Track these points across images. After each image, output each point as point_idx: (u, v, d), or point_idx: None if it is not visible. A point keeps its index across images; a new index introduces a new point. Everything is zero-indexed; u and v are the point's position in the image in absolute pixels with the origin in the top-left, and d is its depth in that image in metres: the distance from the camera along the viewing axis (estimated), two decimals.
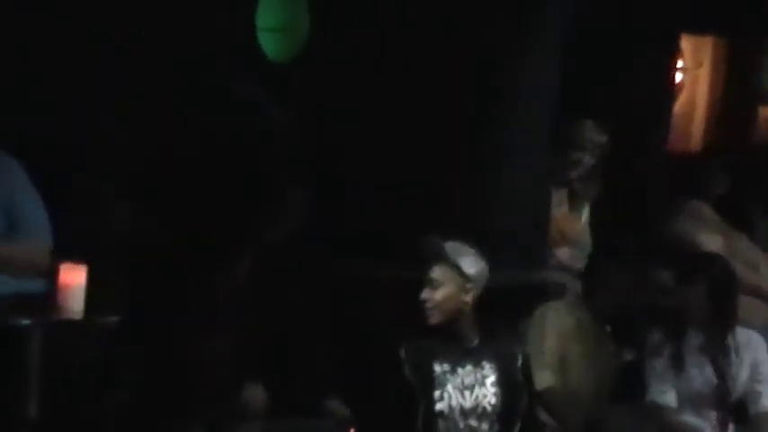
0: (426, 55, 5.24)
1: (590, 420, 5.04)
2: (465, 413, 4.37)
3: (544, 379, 4.89)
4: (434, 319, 4.41)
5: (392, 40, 5.25)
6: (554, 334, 4.98)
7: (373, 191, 5.25)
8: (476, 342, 4.46)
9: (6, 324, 4.37)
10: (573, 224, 5.77)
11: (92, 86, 5.23)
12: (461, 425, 4.35)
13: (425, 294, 4.42)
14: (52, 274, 4.49)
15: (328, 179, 4.93)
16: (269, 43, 5.40)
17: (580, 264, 5.47)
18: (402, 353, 4.37)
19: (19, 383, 4.38)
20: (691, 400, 5.05)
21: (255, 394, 4.78)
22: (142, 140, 4.61)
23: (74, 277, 4.50)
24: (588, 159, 5.81)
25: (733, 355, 5.07)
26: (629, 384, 5.17)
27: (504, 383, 4.43)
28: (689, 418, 5.05)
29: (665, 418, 5.03)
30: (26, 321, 4.40)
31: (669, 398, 5.02)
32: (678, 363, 5.05)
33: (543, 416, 4.92)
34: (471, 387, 4.38)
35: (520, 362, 4.51)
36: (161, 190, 4.51)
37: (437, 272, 4.44)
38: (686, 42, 7.86)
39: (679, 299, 5.09)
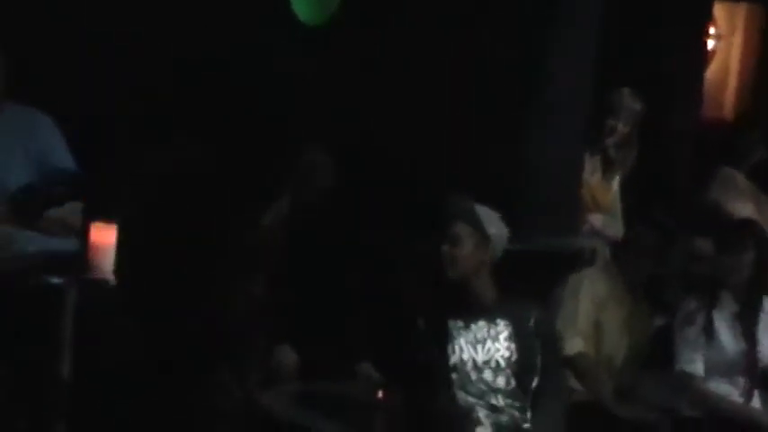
0: (462, 20, 5.22)
1: (620, 387, 5.04)
2: (478, 367, 4.40)
3: (576, 345, 4.89)
4: (452, 273, 4.45)
5: (425, 4, 5.24)
6: (588, 300, 4.98)
7: (405, 159, 5.24)
8: (492, 301, 4.48)
9: (39, 282, 4.39)
10: (606, 191, 5.75)
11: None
12: (475, 377, 4.39)
13: (445, 248, 4.46)
14: (84, 233, 4.50)
15: (359, 146, 4.94)
16: (302, 6, 5.38)
17: (612, 230, 5.45)
18: (419, 311, 4.42)
19: (52, 341, 4.41)
20: (719, 369, 5.06)
21: (287, 356, 4.79)
22: (179, 100, 4.64)
23: (105, 236, 4.50)
24: (623, 127, 5.79)
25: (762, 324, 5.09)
26: (659, 352, 5.17)
27: (518, 339, 4.45)
28: (717, 386, 5.06)
29: (693, 387, 5.04)
30: (58, 280, 4.42)
31: (698, 367, 5.02)
32: (710, 331, 5.05)
33: (573, 381, 4.92)
34: (483, 341, 4.42)
35: (533, 322, 4.52)
36: (201, 143, 4.53)
37: (458, 228, 4.49)
38: (719, 9, 7.81)
39: (717, 266, 5.08)
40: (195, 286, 4.37)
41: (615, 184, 5.82)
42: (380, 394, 4.46)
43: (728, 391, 5.07)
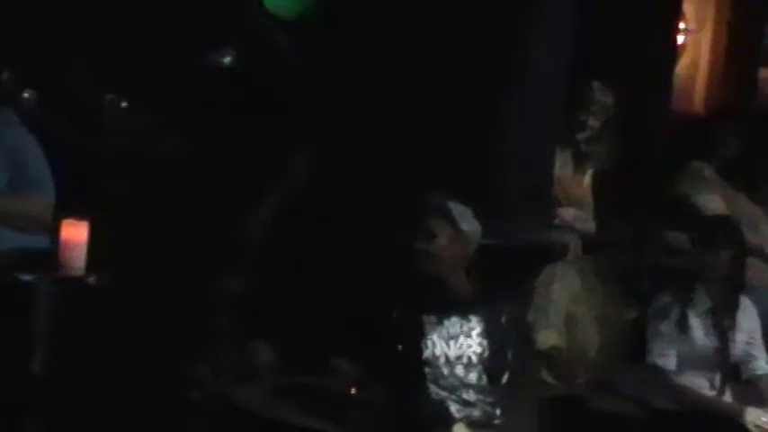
0: (432, 14, 5.22)
1: (594, 380, 5.06)
2: (450, 362, 4.43)
3: (548, 338, 4.92)
4: (426, 269, 4.46)
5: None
6: (560, 294, 5.01)
7: (377, 153, 5.23)
8: (465, 297, 4.50)
9: (9, 280, 4.37)
10: (577, 186, 5.77)
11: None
12: (447, 372, 4.42)
13: (419, 245, 4.48)
14: (55, 230, 4.48)
15: (337, 138, 4.93)
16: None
17: (583, 224, 5.47)
18: (393, 305, 4.43)
19: (23, 339, 4.38)
20: (692, 363, 5.08)
21: (262, 351, 4.79)
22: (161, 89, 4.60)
23: (76, 233, 4.48)
24: (594, 121, 5.80)
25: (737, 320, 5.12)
26: (632, 345, 5.19)
27: (490, 335, 4.48)
28: (689, 380, 5.09)
29: (665, 381, 5.06)
30: (29, 277, 4.39)
31: (670, 361, 5.05)
32: (684, 325, 5.08)
33: (546, 375, 4.94)
34: (456, 337, 4.45)
35: (505, 318, 4.54)
36: (184, 133, 4.49)
37: (432, 225, 4.51)
38: (689, 3, 7.83)
39: (693, 261, 5.11)
40: (170, 281, 4.35)
41: (587, 178, 5.84)
42: (354, 389, 4.47)
43: (701, 384, 5.10)
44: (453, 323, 4.47)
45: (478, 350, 4.46)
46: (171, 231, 4.34)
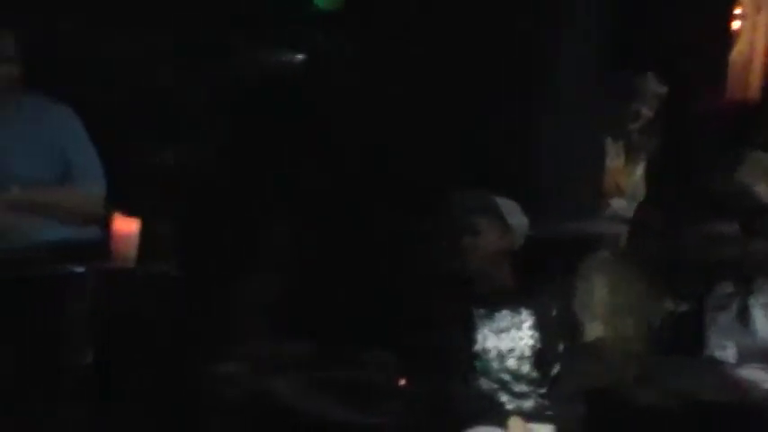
0: (478, 2, 5.21)
1: (639, 373, 5.02)
2: (502, 355, 4.43)
3: (594, 330, 4.89)
4: (474, 265, 4.46)
5: None
6: (602, 285, 4.97)
7: (425, 142, 5.23)
8: (514, 289, 4.50)
9: (60, 271, 4.41)
10: (629, 176, 5.74)
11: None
12: (498, 365, 4.42)
13: (466, 241, 4.47)
14: (105, 223, 4.53)
15: (375, 129, 4.93)
16: None
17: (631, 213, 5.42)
18: (440, 299, 4.43)
19: (72, 331, 4.43)
20: (753, 355, 5.02)
21: (301, 344, 4.80)
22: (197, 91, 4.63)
23: (127, 226, 4.53)
24: (647, 111, 5.77)
25: None
26: (686, 338, 5.14)
27: (541, 328, 4.47)
28: (750, 373, 5.02)
29: (724, 374, 5.00)
30: (80, 269, 4.44)
31: (729, 353, 4.99)
32: (744, 317, 5.03)
33: (593, 367, 4.90)
34: (508, 330, 4.44)
35: (555, 310, 4.53)
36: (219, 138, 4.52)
37: (479, 221, 4.50)
38: None
39: (749, 252, 5.05)
40: (210, 276, 4.39)
41: (639, 169, 5.80)
42: (401, 381, 4.47)
43: (761, 377, 5.02)
44: (503, 316, 4.48)
45: (530, 342, 4.47)
46: (213, 227, 4.39)
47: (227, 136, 4.50)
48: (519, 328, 4.48)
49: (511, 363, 4.43)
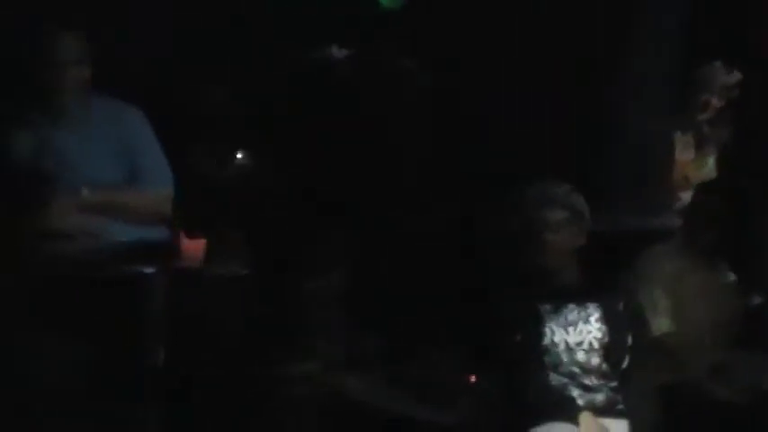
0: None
1: (711, 367, 4.96)
2: (570, 348, 4.40)
3: (660, 325, 4.83)
4: (551, 262, 4.44)
5: None
6: (661, 278, 4.92)
7: (494, 136, 5.21)
8: (580, 283, 4.47)
9: (130, 272, 4.45)
10: (699, 168, 5.67)
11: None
12: (567, 359, 4.39)
13: (547, 237, 4.44)
14: (174, 224, 4.56)
15: (446, 126, 4.92)
16: None
17: None
18: (508, 295, 4.42)
19: (143, 331, 4.47)
20: None
21: (374, 341, 4.80)
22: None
23: (195, 227, 4.57)
24: (717, 102, 5.71)
25: None
26: (759, 331, 5.07)
27: (608, 320, 4.43)
28: None
29: None
30: (149, 269, 4.48)
31: None
32: None
33: (664, 361, 4.86)
34: (575, 323, 4.42)
35: (622, 302, 4.50)
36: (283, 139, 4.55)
37: (557, 215, 4.46)
38: None
39: None
40: (281, 274, 4.40)
41: (710, 161, 5.73)
42: (472, 377, 4.46)
43: None
44: (571, 310, 4.45)
45: (598, 335, 4.43)
46: (281, 226, 4.40)
47: (293, 136, 4.52)
48: (587, 321, 4.45)
49: (580, 356, 4.40)
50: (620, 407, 4.38)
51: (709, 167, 5.72)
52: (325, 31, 5.18)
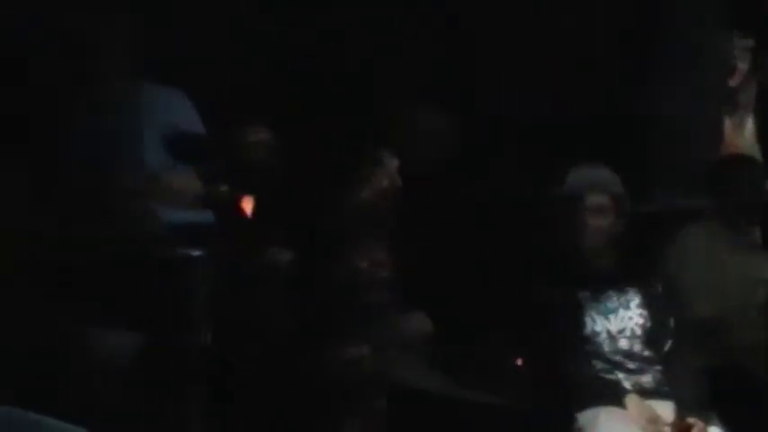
0: None
1: (755, 346, 4.96)
2: (612, 336, 4.40)
3: (702, 307, 4.82)
4: (592, 246, 4.42)
5: None
6: (701, 259, 4.90)
7: (532, 120, 5.19)
8: (619, 268, 4.45)
9: (179, 254, 4.45)
10: (739, 137, 5.62)
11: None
12: (610, 347, 4.39)
13: (590, 220, 4.41)
14: (223, 206, 4.56)
15: (489, 114, 4.89)
16: None
17: None
18: (546, 281, 4.41)
19: (190, 314, 4.47)
20: None
21: (421, 323, 4.81)
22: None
23: (244, 209, 4.57)
24: (742, 65, 5.67)
25: None
26: None
27: (649, 305, 4.43)
28: None
29: None
30: (198, 252, 4.48)
31: None
32: None
33: (708, 342, 4.86)
34: (615, 310, 4.41)
35: (661, 285, 4.49)
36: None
37: (599, 199, 4.43)
38: None
39: None
40: (330, 258, 4.40)
41: (747, 130, 5.69)
42: (518, 361, 4.48)
43: None
44: (610, 297, 4.43)
45: (640, 321, 4.43)
46: (327, 209, 4.39)
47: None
48: (627, 307, 4.44)
49: (623, 343, 4.40)
50: (666, 388, 4.39)
51: (747, 135, 5.67)
52: None
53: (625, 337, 4.40)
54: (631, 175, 4.55)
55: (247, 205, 4.56)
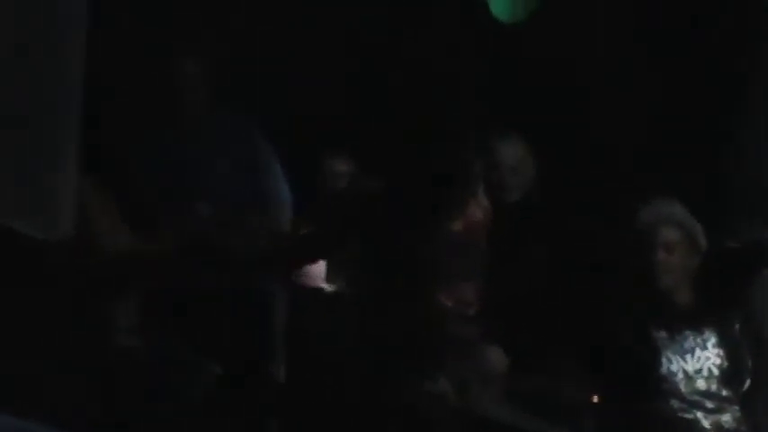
0: (652, 12, 5.13)
1: None
2: (689, 376, 4.34)
3: None
4: (665, 282, 4.36)
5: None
6: None
7: (604, 150, 5.16)
8: (695, 307, 4.40)
9: (254, 286, 4.46)
10: None
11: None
12: (687, 388, 4.33)
13: (661, 257, 4.36)
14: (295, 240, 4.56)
15: (553, 139, 4.87)
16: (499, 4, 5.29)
17: None
18: (625, 321, 4.37)
19: (266, 345, 4.48)
20: None
21: (497, 357, 4.78)
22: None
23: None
24: None
25: None
26: None
27: (725, 345, 4.37)
28: None
29: None
30: (272, 284, 4.49)
31: None
32: None
33: None
34: (692, 350, 4.34)
35: (739, 324, 4.42)
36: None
37: (672, 235, 4.39)
38: None
39: None
40: (404, 292, 4.38)
41: None
42: (594, 397, 4.43)
43: None
44: (686, 337, 4.36)
45: (717, 361, 4.36)
46: (400, 244, 4.38)
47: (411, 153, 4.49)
48: (704, 347, 4.38)
49: (700, 383, 4.34)
50: (745, 428, 4.33)
51: None
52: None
53: (702, 377, 4.34)
54: (709, 209, 4.51)
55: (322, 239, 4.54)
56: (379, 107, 5.20)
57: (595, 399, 4.42)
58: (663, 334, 4.36)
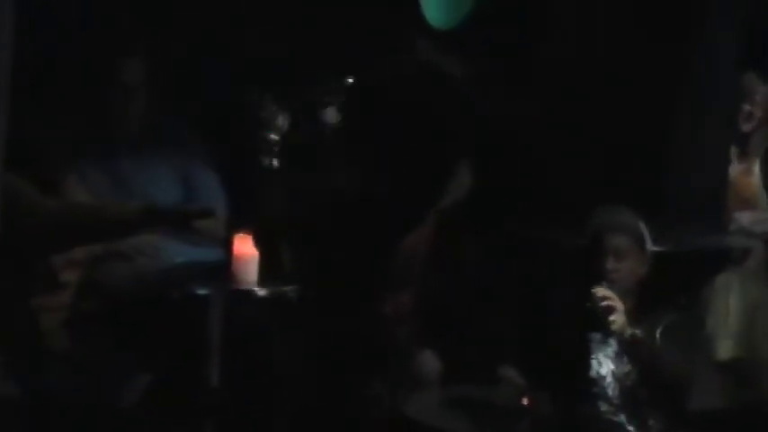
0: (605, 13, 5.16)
1: None
2: (619, 378, 4.35)
3: (728, 348, 4.79)
4: (613, 289, 4.37)
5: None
6: (740, 302, 4.86)
7: (549, 156, 5.17)
8: (635, 311, 4.41)
9: (185, 293, 4.42)
10: (747, 185, 5.60)
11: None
12: (617, 390, 4.34)
13: (611, 264, 4.37)
14: (228, 244, 4.52)
15: (505, 147, 4.88)
16: (432, 9, 5.28)
17: (763, 227, 5.30)
18: (561, 321, 4.38)
19: (199, 352, 4.43)
20: None
21: (430, 362, 4.77)
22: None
23: (248, 247, 4.53)
24: (757, 111, 5.66)
25: None
26: None
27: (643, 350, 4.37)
28: None
29: None
30: (204, 290, 4.44)
31: None
32: None
33: (730, 385, 4.81)
34: (622, 354, 4.35)
35: (660, 328, 4.44)
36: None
37: (621, 242, 4.40)
38: None
39: None
40: (342, 295, 4.36)
41: (755, 176, 5.66)
42: (525, 400, 4.43)
43: None
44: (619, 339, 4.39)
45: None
46: (342, 245, 4.35)
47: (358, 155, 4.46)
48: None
49: (628, 386, 4.36)
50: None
51: (755, 183, 5.64)
52: None
53: (631, 380, 4.36)
54: (653, 213, 4.53)
55: (250, 243, 4.51)
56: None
57: (526, 401, 4.42)
58: (597, 336, 4.39)
